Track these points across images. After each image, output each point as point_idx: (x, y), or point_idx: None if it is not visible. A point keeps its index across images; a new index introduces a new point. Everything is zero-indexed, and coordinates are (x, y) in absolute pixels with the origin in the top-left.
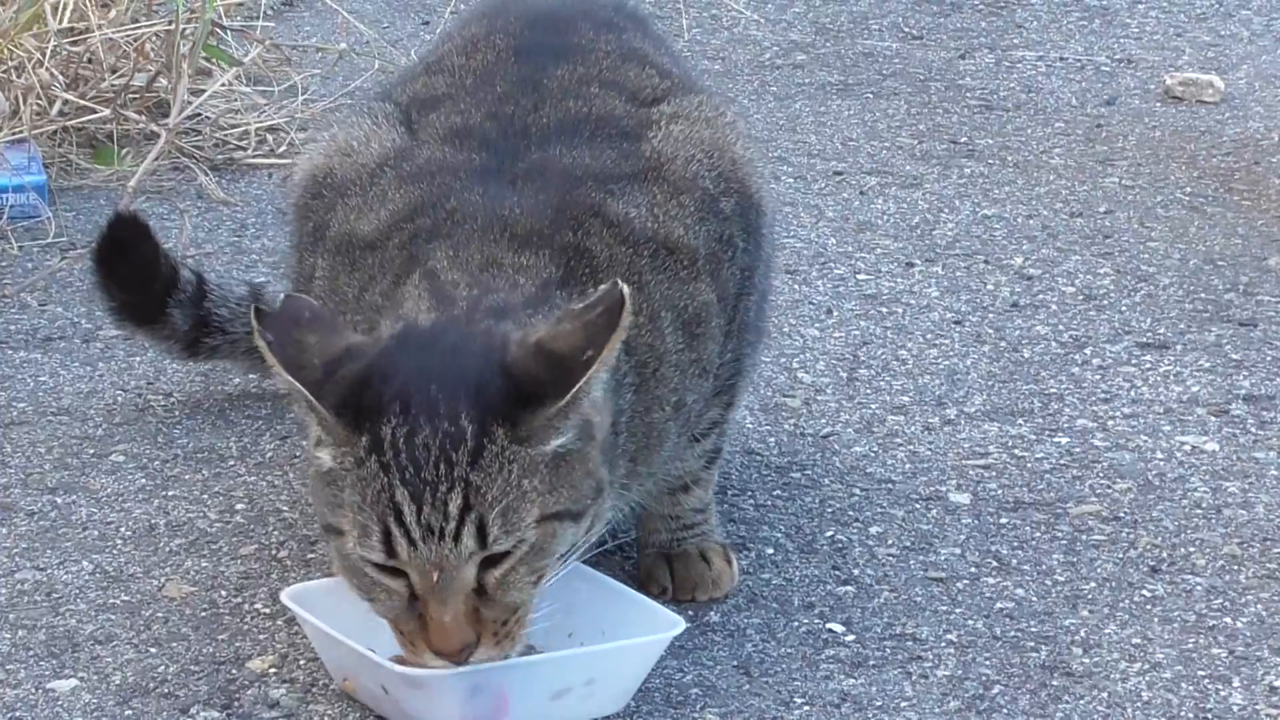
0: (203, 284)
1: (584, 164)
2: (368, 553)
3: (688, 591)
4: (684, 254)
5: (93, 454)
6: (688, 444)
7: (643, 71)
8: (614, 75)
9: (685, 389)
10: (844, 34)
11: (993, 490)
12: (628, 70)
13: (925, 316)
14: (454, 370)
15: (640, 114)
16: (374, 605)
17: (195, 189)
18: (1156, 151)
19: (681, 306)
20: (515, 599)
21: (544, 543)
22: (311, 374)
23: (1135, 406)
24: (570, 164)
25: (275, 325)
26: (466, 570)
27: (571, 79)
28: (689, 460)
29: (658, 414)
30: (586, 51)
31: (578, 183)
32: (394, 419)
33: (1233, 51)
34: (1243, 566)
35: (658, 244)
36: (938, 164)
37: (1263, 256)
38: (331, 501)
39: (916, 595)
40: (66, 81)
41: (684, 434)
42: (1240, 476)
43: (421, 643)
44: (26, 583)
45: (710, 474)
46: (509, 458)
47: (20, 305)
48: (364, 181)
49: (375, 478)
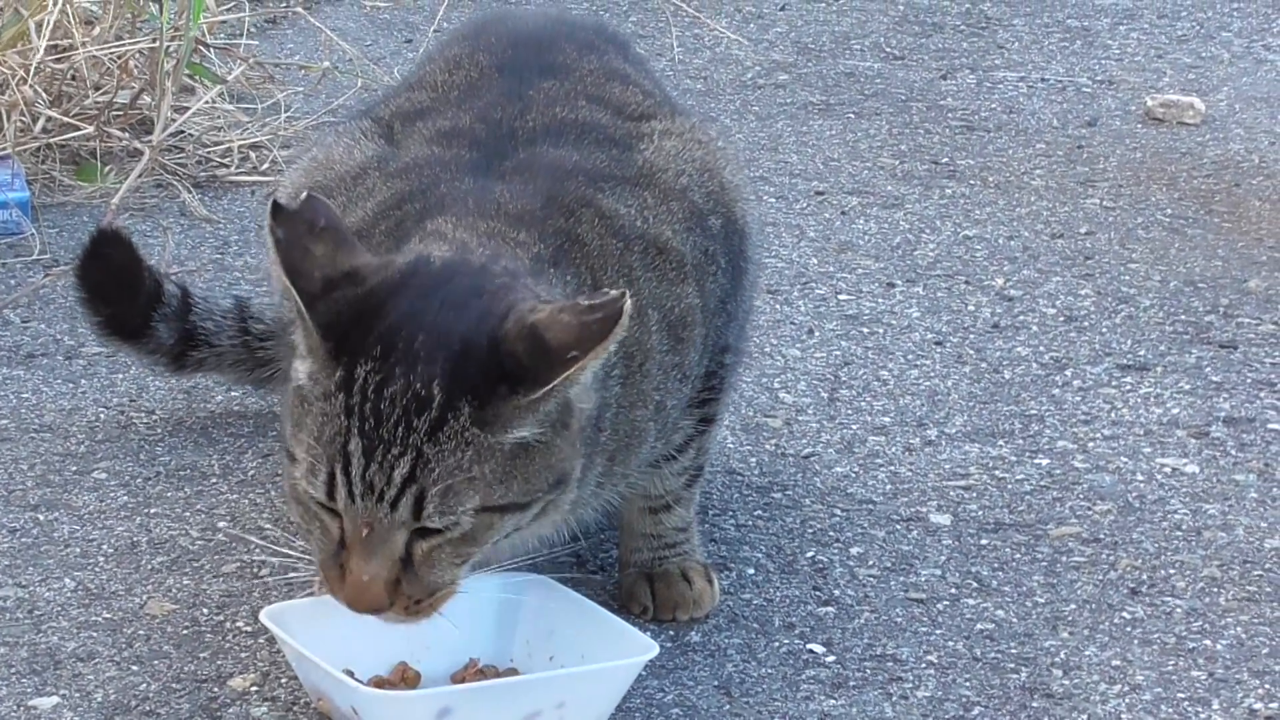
0: (188, 297)
1: (574, 161)
2: (311, 489)
3: (669, 611)
4: (673, 256)
5: (75, 471)
6: (666, 459)
7: (627, 90)
8: (599, 91)
9: (667, 391)
10: (826, 54)
11: (973, 511)
12: (612, 88)
13: (906, 337)
14: (446, 324)
15: (629, 126)
16: (308, 540)
17: (178, 206)
18: (1137, 173)
19: (668, 307)
20: (437, 579)
21: (478, 532)
22: (309, 285)
23: (1115, 428)
24: (561, 160)
25: (289, 224)
26: (396, 537)
27: (558, 92)
28: (669, 479)
29: (640, 411)
30: (570, 70)
31: (569, 176)
32: (371, 362)
33: (1213, 74)
34: (1222, 589)
35: (647, 243)
36: (919, 184)
37: (1243, 279)
38: (295, 423)
39: (897, 616)
40: (50, 98)
41: (661, 438)
42: (1220, 499)
43: (337, 588)
44: (8, 600)
45: (691, 493)
46: (467, 439)
47: (3, 322)
48: (348, 184)
49: (336, 418)
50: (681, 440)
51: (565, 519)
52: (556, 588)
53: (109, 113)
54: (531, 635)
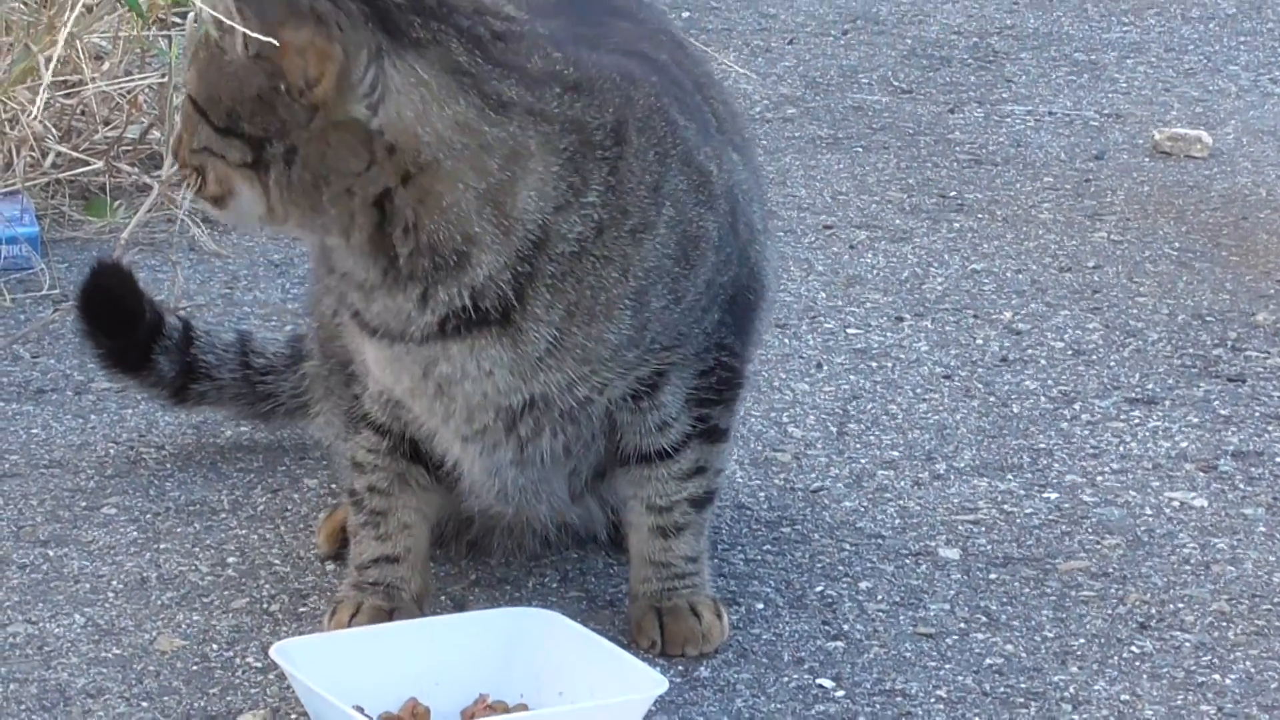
0: (189, 330)
1: (654, 79)
2: None
3: (678, 646)
4: (707, 185)
5: (85, 506)
6: (660, 455)
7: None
8: (676, 50)
9: (652, 288)
10: (834, 88)
11: (982, 545)
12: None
13: (915, 371)
14: None
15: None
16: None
17: (187, 241)
18: (1145, 206)
19: (685, 216)
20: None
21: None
22: None
23: (1124, 462)
24: (642, 69)
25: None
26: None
27: (637, 32)
28: (668, 484)
29: (613, 274)
30: (643, 21)
31: (647, 79)
32: None
33: (1221, 107)
34: (1231, 623)
35: (693, 159)
36: (927, 218)
37: (1251, 312)
38: None
39: (906, 650)
40: (60, 134)
41: (637, 365)
42: (1229, 533)
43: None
44: (18, 636)
45: (700, 519)
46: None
47: (13, 357)
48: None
49: None
50: (677, 438)
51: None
52: (565, 623)
53: (118, 148)
54: (541, 670)
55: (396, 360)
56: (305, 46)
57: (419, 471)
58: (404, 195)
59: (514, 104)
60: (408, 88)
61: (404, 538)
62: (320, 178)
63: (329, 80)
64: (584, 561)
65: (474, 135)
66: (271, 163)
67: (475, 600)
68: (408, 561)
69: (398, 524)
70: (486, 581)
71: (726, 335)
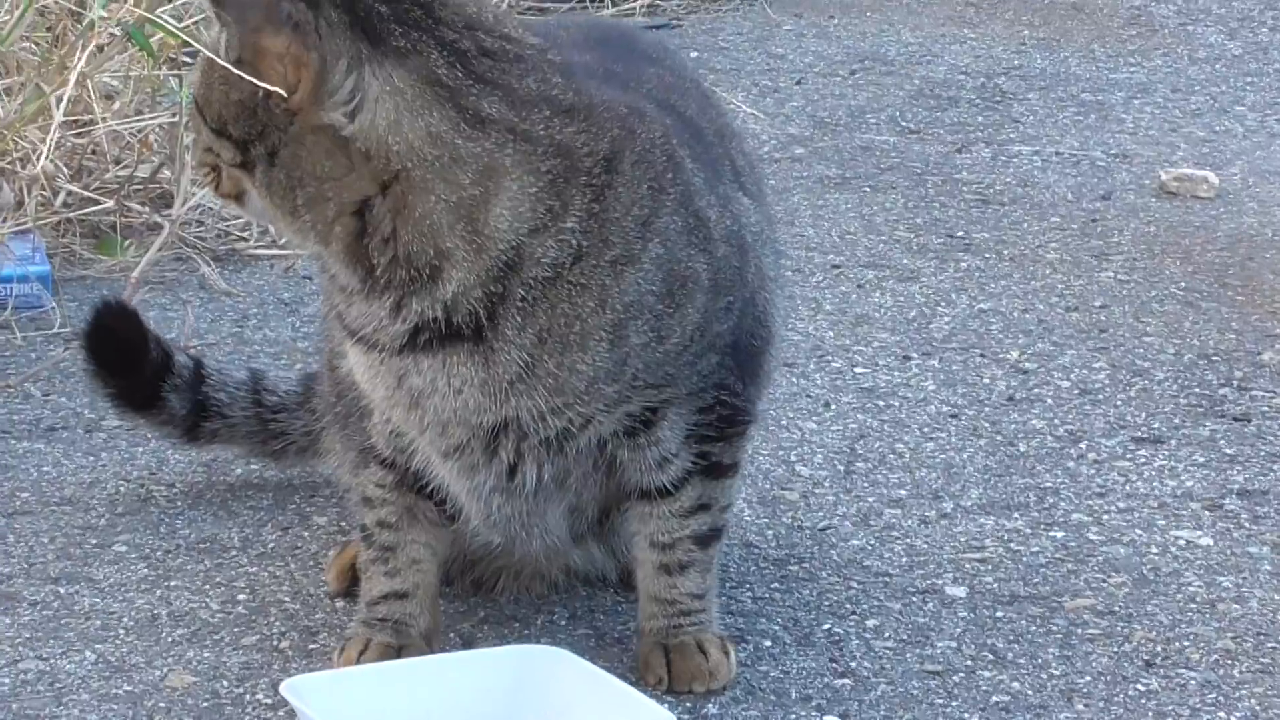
0: (201, 369)
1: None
2: None
3: (685, 683)
4: (703, 228)
5: (95, 544)
6: (661, 492)
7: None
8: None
9: (632, 323)
10: (842, 128)
11: (988, 584)
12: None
13: (922, 410)
14: None
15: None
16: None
17: (198, 279)
18: (1151, 246)
19: (677, 258)
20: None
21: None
22: None
23: (1130, 501)
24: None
25: None
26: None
27: (668, 80)
28: (669, 520)
29: (589, 305)
30: (674, 69)
31: (664, 122)
32: None
33: (1227, 147)
34: (1237, 661)
35: (692, 204)
36: (934, 258)
37: (1256, 351)
38: None
39: (913, 688)
40: (70, 173)
41: (620, 402)
42: (1234, 571)
43: None
44: (29, 672)
45: (705, 557)
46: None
47: (24, 395)
48: None
49: None
50: (677, 474)
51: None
52: (574, 660)
53: (129, 187)
54: (549, 708)
55: (373, 368)
56: (283, 53)
57: (427, 506)
58: (382, 204)
59: (493, 120)
60: (384, 96)
61: (413, 573)
62: (298, 182)
63: (305, 86)
64: (592, 599)
65: (446, 147)
66: (256, 164)
67: (484, 637)
68: (416, 598)
69: (406, 559)
70: (495, 619)
71: (727, 376)
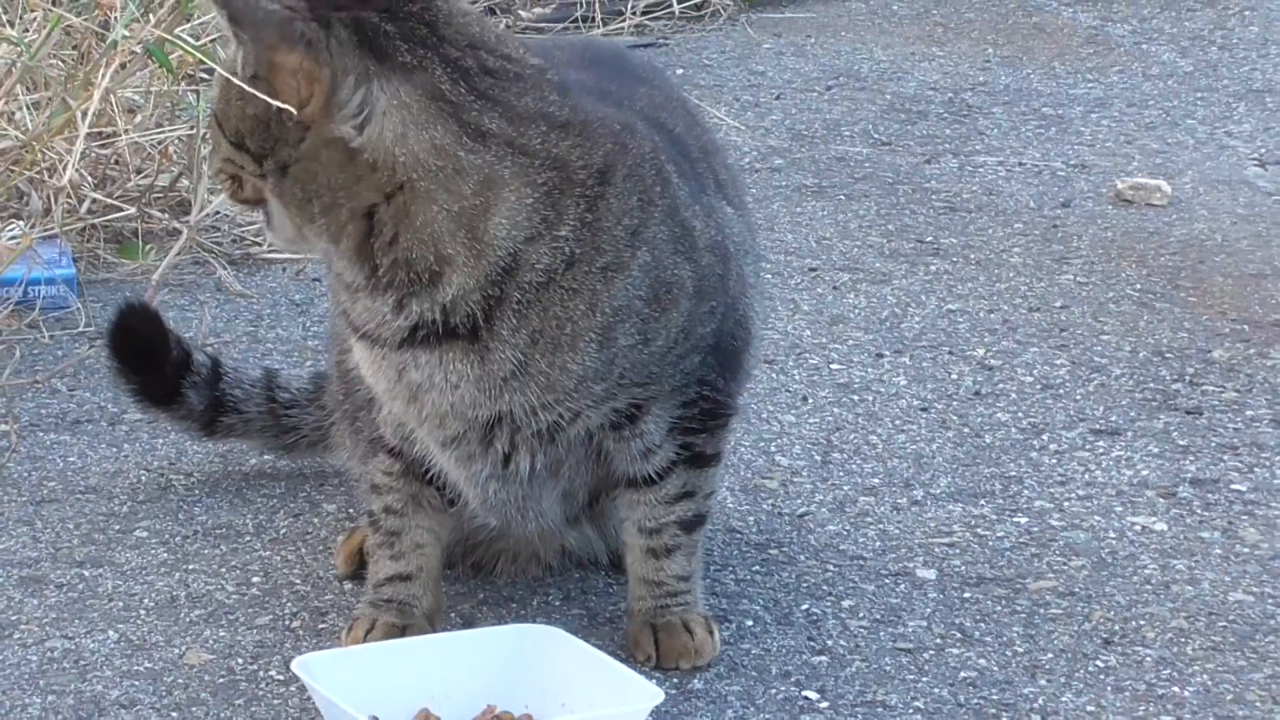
0: (218, 367)
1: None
2: None
3: (672, 660)
4: (689, 237)
5: (118, 530)
6: (646, 481)
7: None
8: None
9: (620, 324)
10: (818, 140)
11: (957, 567)
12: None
13: (894, 404)
14: None
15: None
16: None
17: (214, 282)
18: (1109, 251)
19: (664, 265)
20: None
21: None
22: None
23: (1089, 489)
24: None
25: None
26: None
27: (658, 99)
28: (656, 508)
29: (579, 307)
30: (662, 88)
31: (655, 138)
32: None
33: (1179, 158)
34: (1190, 639)
35: (679, 214)
36: (905, 262)
37: (1207, 349)
38: None
39: (886, 665)
40: (95, 182)
41: (606, 399)
42: (1187, 555)
43: None
44: (56, 650)
45: (692, 541)
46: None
47: (51, 390)
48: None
49: None
50: (662, 464)
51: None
52: (568, 638)
53: (150, 195)
54: (545, 683)
55: (375, 363)
56: (297, 69)
57: (431, 493)
58: (387, 211)
59: (493, 135)
60: (391, 109)
61: (416, 556)
62: (311, 191)
63: (317, 100)
64: (585, 581)
65: (449, 160)
66: (270, 175)
67: (483, 617)
68: (420, 580)
69: (411, 543)
70: (494, 600)
71: (709, 374)
